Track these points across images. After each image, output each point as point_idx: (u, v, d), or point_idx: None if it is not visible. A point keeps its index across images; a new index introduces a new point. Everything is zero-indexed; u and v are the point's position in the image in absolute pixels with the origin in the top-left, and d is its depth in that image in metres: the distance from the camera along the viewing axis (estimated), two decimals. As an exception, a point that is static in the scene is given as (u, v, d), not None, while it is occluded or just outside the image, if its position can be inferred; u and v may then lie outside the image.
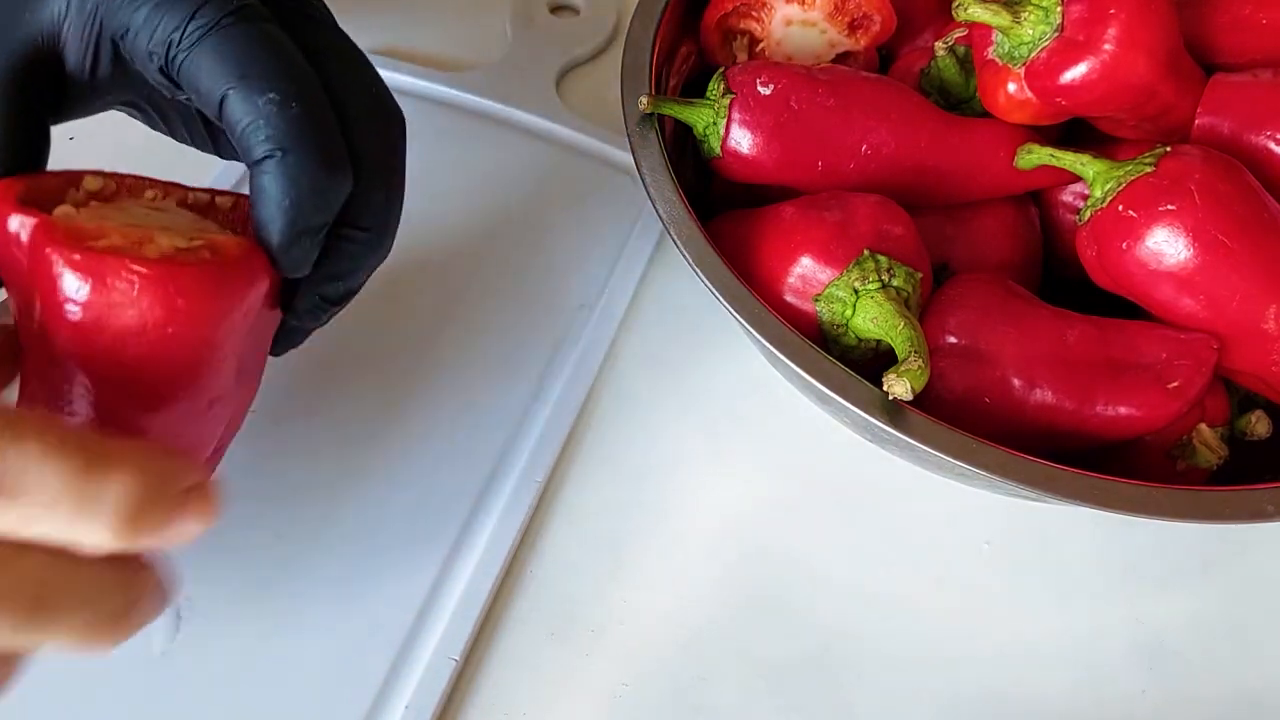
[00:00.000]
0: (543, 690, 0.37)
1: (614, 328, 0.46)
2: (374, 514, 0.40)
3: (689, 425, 0.44)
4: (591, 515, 0.41)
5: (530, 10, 0.57)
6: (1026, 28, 0.39)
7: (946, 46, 0.43)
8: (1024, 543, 0.42)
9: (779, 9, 0.45)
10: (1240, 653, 0.40)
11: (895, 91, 0.42)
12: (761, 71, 0.40)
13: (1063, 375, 0.37)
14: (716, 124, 0.41)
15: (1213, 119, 0.40)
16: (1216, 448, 0.37)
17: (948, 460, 0.33)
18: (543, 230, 0.49)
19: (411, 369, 0.44)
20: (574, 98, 0.55)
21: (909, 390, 0.33)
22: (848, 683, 0.38)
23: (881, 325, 0.36)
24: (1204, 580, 0.42)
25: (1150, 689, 0.39)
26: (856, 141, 0.40)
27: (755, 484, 0.43)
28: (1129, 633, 0.41)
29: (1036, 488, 0.33)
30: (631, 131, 0.40)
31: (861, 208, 0.38)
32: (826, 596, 0.40)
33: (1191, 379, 0.36)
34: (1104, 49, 0.37)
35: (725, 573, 0.41)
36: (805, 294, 0.37)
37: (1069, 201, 0.44)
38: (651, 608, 0.39)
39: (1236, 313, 0.36)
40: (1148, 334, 0.37)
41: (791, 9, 0.45)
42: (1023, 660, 0.40)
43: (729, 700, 0.38)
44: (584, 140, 0.52)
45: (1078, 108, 0.40)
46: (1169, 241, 0.36)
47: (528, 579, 0.40)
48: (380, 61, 0.53)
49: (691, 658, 0.38)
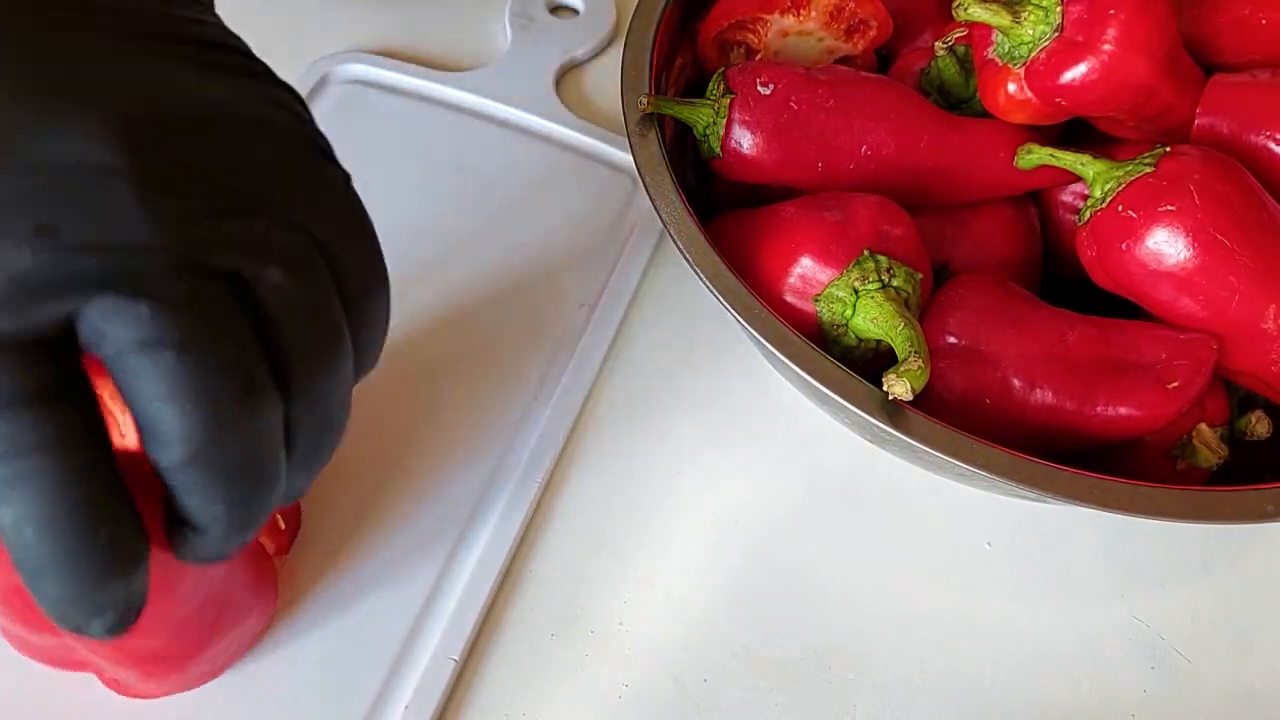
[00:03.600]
0: (543, 691, 0.37)
1: (614, 328, 0.46)
2: (373, 514, 0.40)
3: (689, 425, 0.44)
4: (592, 516, 0.41)
5: (529, 10, 0.57)
6: (1026, 28, 0.39)
7: (946, 46, 0.43)
8: (1024, 543, 0.42)
9: (775, 23, 0.45)
10: (1240, 653, 0.40)
11: (895, 92, 0.42)
12: (761, 72, 0.40)
13: (1063, 375, 0.37)
14: (716, 124, 0.41)
15: (1212, 119, 0.40)
16: (1216, 448, 0.37)
17: (948, 460, 0.33)
18: (542, 230, 0.48)
19: (409, 369, 0.44)
20: (573, 98, 0.55)
21: (909, 390, 0.33)
22: (849, 683, 0.38)
23: (881, 325, 0.36)
24: (1204, 580, 0.42)
25: (1150, 689, 0.39)
26: (856, 142, 0.40)
27: (755, 484, 0.43)
28: (1129, 633, 0.41)
29: (1036, 488, 0.33)
30: (631, 131, 0.40)
31: (861, 208, 0.38)
32: (827, 597, 0.40)
33: (1191, 379, 0.36)
34: (1104, 49, 0.37)
35: (726, 573, 0.41)
36: (805, 294, 0.37)
37: (1069, 201, 0.44)
38: (652, 608, 0.39)
39: (1236, 313, 0.36)
40: (1148, 334, 0.37)
41: (787, 21, 0.45)
42: (1023, 660, 0.40)
43: (730, 700, 0.38)
44: (583, 140, 0.52)
45: (1078, 108, 0.40)
46: (1169, 241, 0.36)
47: (527, 580, 0.40)
48: (380, 61, 0.54)
49: (692, 658, 0.38)
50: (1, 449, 0.20)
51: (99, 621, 0.22)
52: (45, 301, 0.20)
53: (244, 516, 0.24)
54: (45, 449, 0.21)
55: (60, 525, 0.21)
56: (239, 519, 0.24)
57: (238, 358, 0.22)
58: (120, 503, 0.22)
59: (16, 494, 0.20)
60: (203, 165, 0.23)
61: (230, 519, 0.23)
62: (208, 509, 0.23)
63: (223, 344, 0.22)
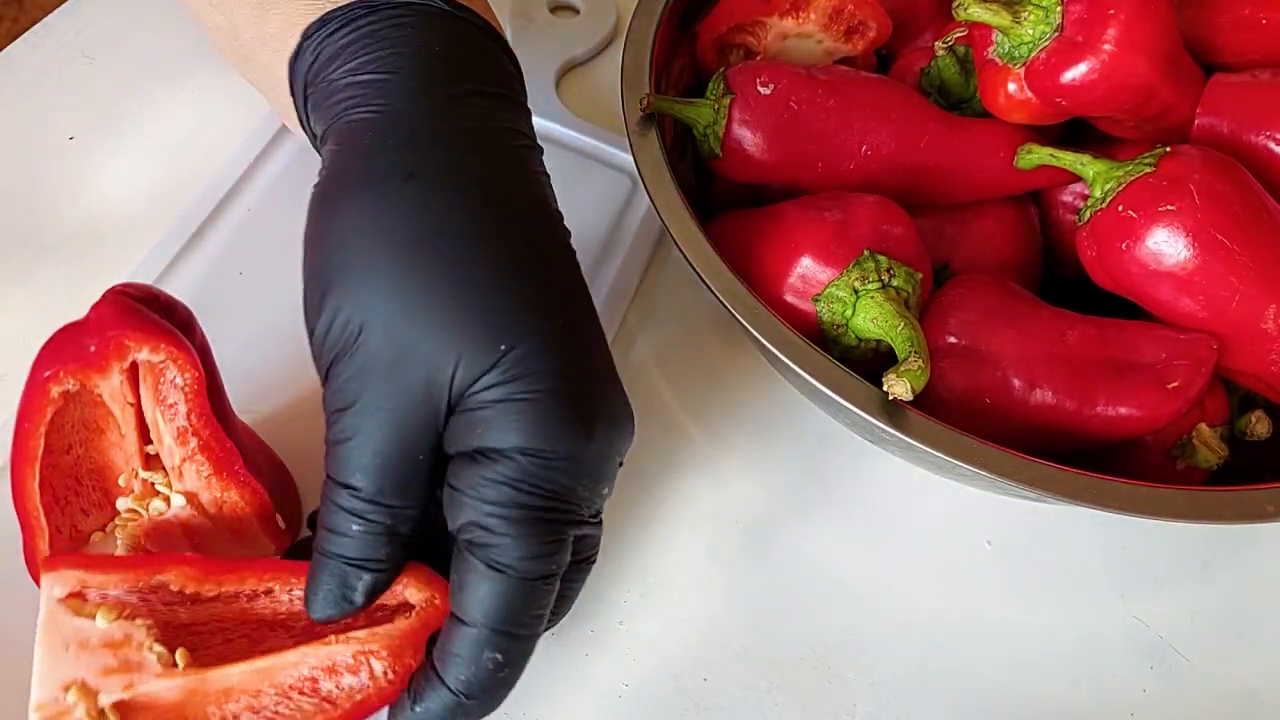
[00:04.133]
0: (543, 690, 0.37)
1: (614, 328, 0.46)
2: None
3: (689, 424, 0.44)
4: (591, 515, 0.41)
5: (530, 10, 0.57)
6: (1026, 28, 0.39)
7: (946, 46, 0.43)
8: (1024, 543, 0.42)
9: (774, 25, 0.45)
10: (1240, 652, 0.41)
11: (895, 92, 0.42)
12: (761, 71, 0.40)
13: (1063, 375, 0.37)
14: (716, 124, 0.41)
15: (1212, 119, 0.40)
16: (1216, 448, 0.37)
17: (948, 460, 0.33)
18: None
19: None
20: (574, 97, 0.55)
21: (909, 390, 0.33)
22: (849, 682, 0.38)
23: (881, 325, 0.36)
24: (1204, 580, 0.42)
25: (1150, 688, 0.39)
26: (856, 141, 0.40)
27: (755, 483, 0.43)
28: (1129, 632, 0.41)
29: (1036, 488, 0.33)
30: (631, 131, 0.40)
31: (861, 208, 0.38)
32: (827, 596, 0.40)
33: (1191, 379, 0.36)
34: (1104, 49, 0.37)
35: (726, 572, 0.41)
36: (805, 294, 0.37)
37: (1069, 201, 0.44)
38: (652, 608, 0.39)
39: (1236, 313, 0.36)
40: (1147, 334, 0.37)
41: (787, 23, 0.45)
42: (1023, 659, 0.40)
43: (730, 700, 0.38)
44: (583, 140, 0.52)
45: (1078, 108, 0.40)
46: (1169, 242, 0.36)
47: (528, 579, 0.40)
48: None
49: (692, 658, 0.38)
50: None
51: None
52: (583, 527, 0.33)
53: (474, 705, 0.31)
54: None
55: (513, 678, 0.32)
56: (469, 707, 0.31)
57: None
58: None
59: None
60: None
61: (465, 704, 0.31)
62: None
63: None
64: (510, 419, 0.29)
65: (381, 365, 0.30)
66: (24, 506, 0.34)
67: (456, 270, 0.30)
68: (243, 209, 0.47)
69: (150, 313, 0.34)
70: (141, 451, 0.35)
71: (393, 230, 0.30)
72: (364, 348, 0.30)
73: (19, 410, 0.33)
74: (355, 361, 0.30)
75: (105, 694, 0.30)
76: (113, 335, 0.33)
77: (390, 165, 0.31)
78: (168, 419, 0.34)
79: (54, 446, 0.34)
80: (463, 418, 0.30)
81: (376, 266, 0.30)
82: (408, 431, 0.30)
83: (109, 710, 0.30)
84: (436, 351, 0.29)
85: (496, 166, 0.32)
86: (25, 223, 0.47)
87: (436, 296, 0.30)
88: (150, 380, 0.34)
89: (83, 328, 0.33)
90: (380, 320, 0.30)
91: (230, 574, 0.32)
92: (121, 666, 0.30)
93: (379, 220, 0.30)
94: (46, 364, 0.33)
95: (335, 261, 0.31)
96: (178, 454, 0.34)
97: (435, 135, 0.32)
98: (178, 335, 0.34)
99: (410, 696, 0.31)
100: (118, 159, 0.49)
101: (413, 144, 0.32)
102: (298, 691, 0.31)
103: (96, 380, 0.34)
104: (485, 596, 0.30)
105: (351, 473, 0.30)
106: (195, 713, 0.30)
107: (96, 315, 0.33)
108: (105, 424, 0.35)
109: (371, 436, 0.30)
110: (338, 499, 0.30)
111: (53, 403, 0.33)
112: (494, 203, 0.32)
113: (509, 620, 0.30)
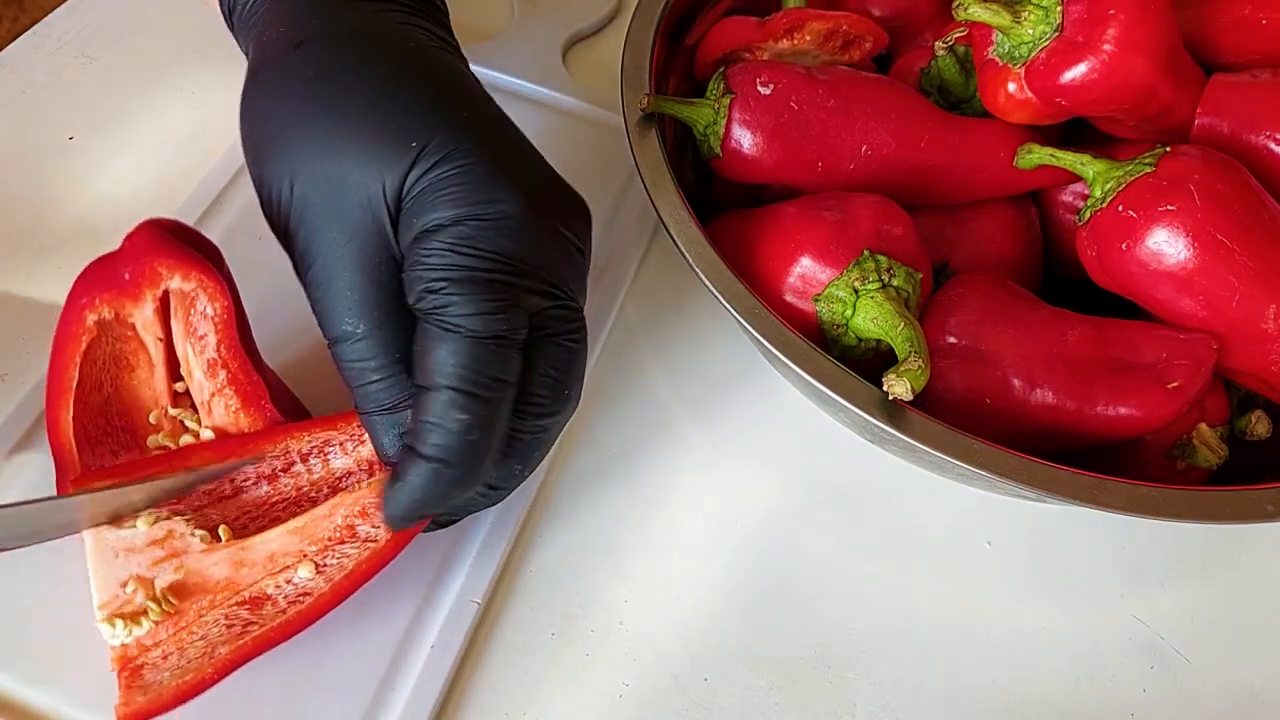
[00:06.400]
0: (543, 690, 0.37)
1: (608, 327, 0.46)
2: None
3: (688, 424, 0.44)
4: (591, 515, 0.41)
5: (535, -17, 0.58)
6: (1026, 28, 0.39)
7: (946, 46, 0.43)
8: (1024, 543, 0.42)
9: (771, 48, 0.45)
10: (1240, 652, 0.41)
11: (895, 92, 0.42)
12: (761, 71, 0.40)
13: (1063, 375, 0.37)
14: (717, 124, 0.41)
15: (1212, 119, 0.40)
16: (1216, 448, 0.37)
17: (948, 460, 0.33)
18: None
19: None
20: (581, 69, 0.56)
21: (909, 390, 0.33)
22: (849, 682, 0.38)
23: (881, 325, 0.36)
24: (1204, 580, 0.42)
25: (1150, 688, 0.39)
26: (857, 141, 0.40)
27: (755, 484, 0.43)
28: (1129, 632, 0.41)
29: (1036, 488, 0.33)
30: (631, 131, 0.40)
31: (861, 208, 0.38)
32: (827, 596, 0.40)
33: (1191, 379, 0.36)
34: (1104, 49, 0.37)
35: (726, 572, 0.41)
36: (805, 294, 0.37)
37: (1069, 201, 0.44)
38: (652, 607, 0.39)
39: (1236, 313, 0.36)
40: (1148, 334, 0.37)
41: (783, 45, 0.45)
42: (1023, 659, 0.40)
43: (730, 700, 0.38)
44: (591, 110, 0.53)
45: (1078, 108, 0.40)
46: (1169, 241, 0.36)
47: (527, 579, 0.40)
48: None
49: (692, 658, 0.38)
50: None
51: (440, 512, 0.34)
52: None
53: (453, 474, 0.31)
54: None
55: (493, 437, 0.32)
56: (448, 476, 0.31)
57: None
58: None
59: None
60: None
61: (443, 472, 0.31)
62: (448, 438, 0.31)
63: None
64: (439, 195, 0.31)
65: (321, 208, 0.32)
66: (59, 441, 0.35)
67: (351, 96, 0.32)
68: (240, 207, 0.47)
69: (181, 243, 0.35)
70: (170, 389, 0.36)
71: (289, 93, 0.33)
72: (301, 200, 0.32)
73: (54, 343, 0.34)
74: (301, 217, 0.32)
75: (160, 579, 0.32)
76: (146, 262, 0.34)
77: (280, 42, 0.34)
78: (198, 351, 0.35)
79: (86, 382, 0.35)
80: (404, 219, 0.32)
81: (283, 126, 0.32)
82: (369, 258, 0.32)
83: (166, 593, 0.32)
84: (358, 170, 0.31)
85: (383, 22, 0.35)
86: (25, 223, 0.47)
87: (340, 123, 0.32)
88: (181, 313, 0.35)
89: (117, 257, 0.35)
90: (304, 169, 0.32)
91: (246, 445, 0.34)
92: (169, 554, 0.32)
93: (276, 89, 0.33)
94: (82, 292, 0.34)
95: (258, 143, 0.33)
96: (207, 388, 0.35)
97: (323, 8, 0.35)
98: (208, 264, 0.35)
99: (392, 478, 0.32)
100: (118, 159, 0.49)
101: (301, 23, 0.34)
102: (338, 542, 0.33)
103: (130, 309, 0.35)
104: (442, 357, 0.31)
105: (340, 318, 0.32)
106: (247, 585, 0.32)
107: (130, 244, 0.34)
108: (135, 360, 0.36)
109: (340, 276, 0.32)
110: (344, 354, 0.32)
111: (88, 331, 0.34)
112: (379, 42, 0.34)
113: (467, 379, 0.31)
